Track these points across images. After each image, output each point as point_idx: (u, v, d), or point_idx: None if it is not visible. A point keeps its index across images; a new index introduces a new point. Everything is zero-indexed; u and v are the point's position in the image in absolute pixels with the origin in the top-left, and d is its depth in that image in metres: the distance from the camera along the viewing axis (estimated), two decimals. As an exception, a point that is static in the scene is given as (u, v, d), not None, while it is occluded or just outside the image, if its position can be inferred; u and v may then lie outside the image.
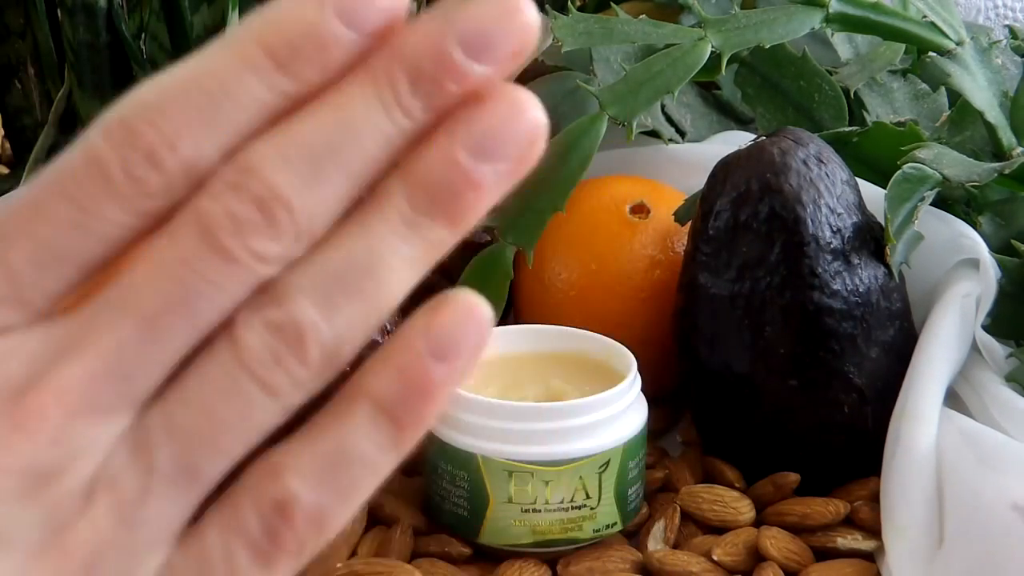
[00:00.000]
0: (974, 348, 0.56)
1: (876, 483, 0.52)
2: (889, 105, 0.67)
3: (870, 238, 0.54)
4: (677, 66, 0.59)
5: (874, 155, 0.61)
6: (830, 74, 0.67)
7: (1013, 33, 0.76)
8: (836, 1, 0.61)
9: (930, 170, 0.56)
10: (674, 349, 0.57)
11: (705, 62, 0.59)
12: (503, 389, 0.53)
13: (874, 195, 0.56)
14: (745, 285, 0.53)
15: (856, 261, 0.53)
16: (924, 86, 0.67)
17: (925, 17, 0.63)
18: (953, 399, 0.54)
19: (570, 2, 0.64)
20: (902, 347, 0.54)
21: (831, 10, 0.61)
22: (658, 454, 0.58)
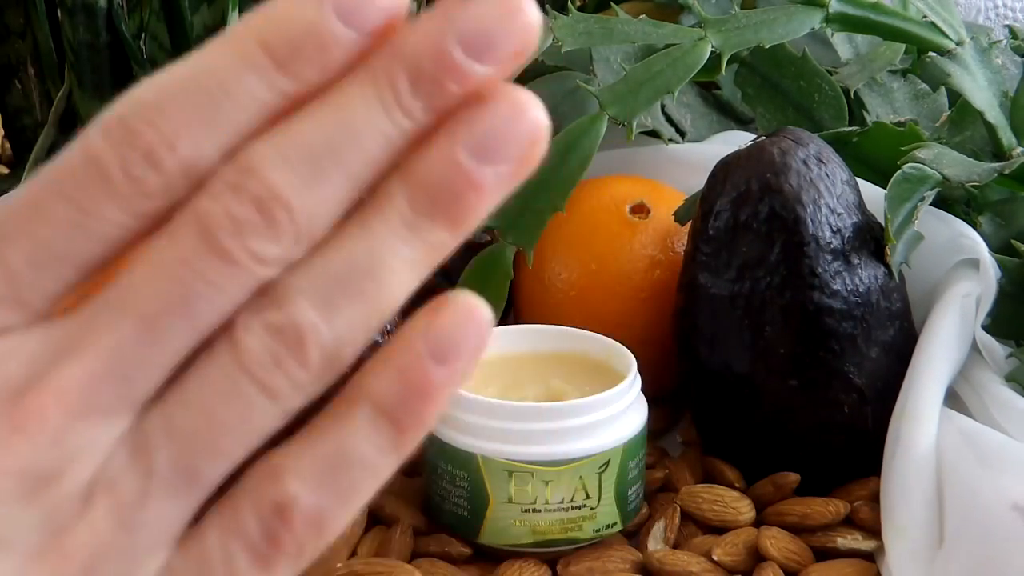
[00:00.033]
0: (974, 348, 0.56)
1: (876, 483, 0.52)
2: (889, 105, 0.66)
3: (870, 238, 0.54)
4: (677, 66, 0.59)
5: (874, 155, 0.61)
6: (830, 74, 0.67)
7: (1013, 33, 0.76)
8: (836, 1, 0.61)
9: (930, 170, 0.56)
10: (674, 349, 0.57)
11: (705, 62, 0.59)
12: (503, 389, 0.53)
13: (874, 195, 0.56)
14: (745, 285, 0.53)
15: (856, 261, 0.53)
16: (924, 86, 0.67)
17: (925, 17, 0.63)
18: (953, 399, 0.54)
19: (570, 2, 0.64)
20: (902, 347, 0.54)
21: (831, 10, 0.61)
22: (658, 454, 0.58)
